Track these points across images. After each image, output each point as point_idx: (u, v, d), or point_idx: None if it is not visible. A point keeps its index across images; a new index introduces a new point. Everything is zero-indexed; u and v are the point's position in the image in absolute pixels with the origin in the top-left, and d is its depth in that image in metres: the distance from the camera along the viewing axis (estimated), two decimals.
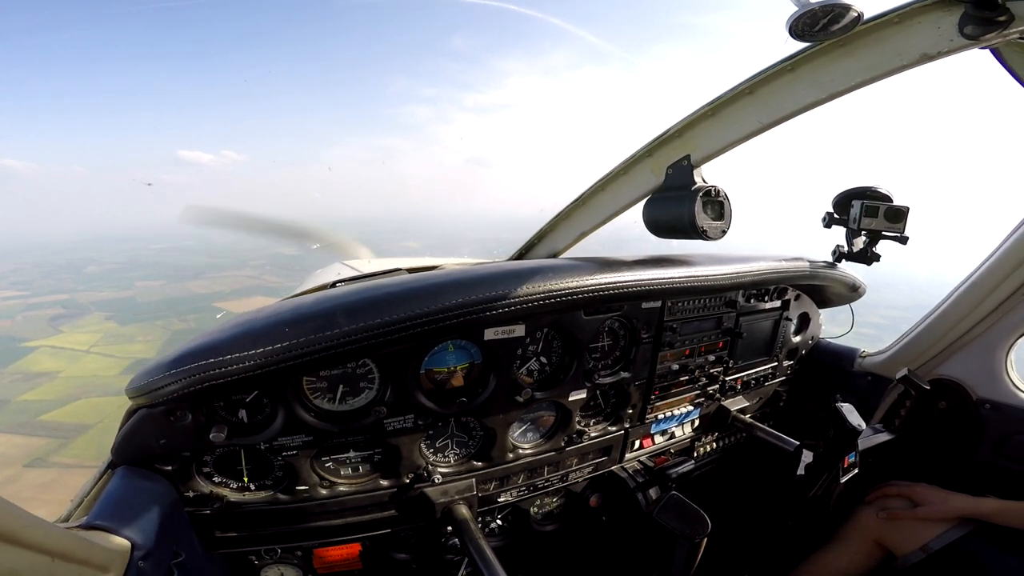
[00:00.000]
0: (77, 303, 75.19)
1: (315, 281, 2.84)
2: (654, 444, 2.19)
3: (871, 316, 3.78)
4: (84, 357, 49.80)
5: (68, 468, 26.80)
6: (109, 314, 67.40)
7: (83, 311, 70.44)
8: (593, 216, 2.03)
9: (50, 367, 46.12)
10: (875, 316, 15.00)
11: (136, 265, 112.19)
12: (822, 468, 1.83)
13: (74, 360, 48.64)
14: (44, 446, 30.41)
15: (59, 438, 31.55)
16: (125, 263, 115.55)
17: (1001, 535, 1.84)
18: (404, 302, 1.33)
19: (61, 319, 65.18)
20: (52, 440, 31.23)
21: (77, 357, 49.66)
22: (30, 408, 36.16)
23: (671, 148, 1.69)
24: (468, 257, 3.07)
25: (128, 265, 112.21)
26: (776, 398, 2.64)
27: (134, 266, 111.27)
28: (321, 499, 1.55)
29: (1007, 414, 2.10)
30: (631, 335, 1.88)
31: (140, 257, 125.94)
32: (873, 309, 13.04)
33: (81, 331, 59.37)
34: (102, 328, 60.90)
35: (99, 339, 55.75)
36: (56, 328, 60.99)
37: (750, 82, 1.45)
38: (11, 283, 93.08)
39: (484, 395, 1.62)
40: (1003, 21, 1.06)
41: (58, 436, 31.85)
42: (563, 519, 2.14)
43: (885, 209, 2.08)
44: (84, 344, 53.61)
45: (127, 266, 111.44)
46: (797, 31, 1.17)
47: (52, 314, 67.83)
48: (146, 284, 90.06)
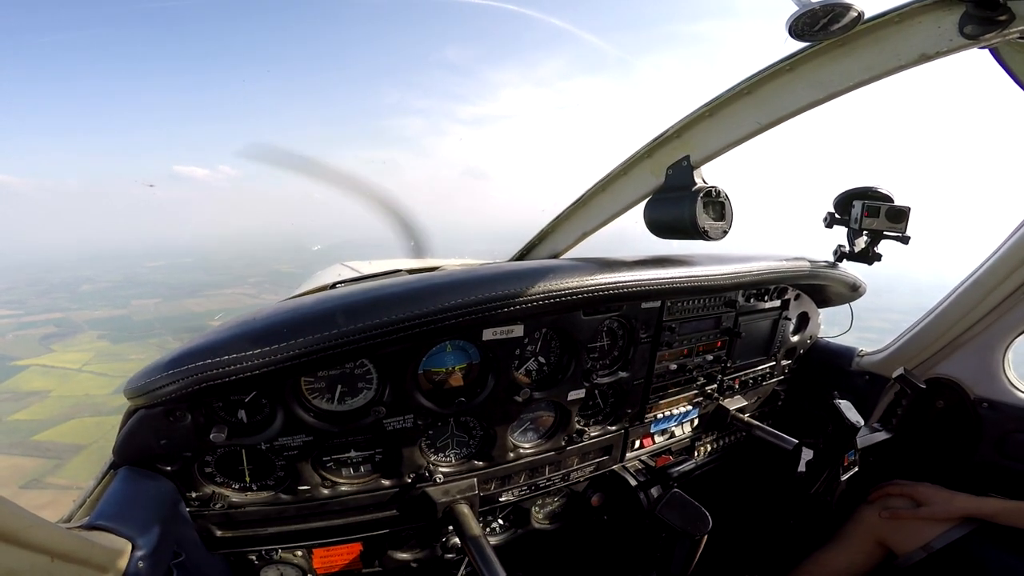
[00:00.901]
0: (70, 322, 74.42)
1: (315, 282, 2.83)
2: (654, 443, 2.19)
3: (873, 320, 3.77)
4: (76, 376, 48.99)
5: (65, 490, 26.27)
6: (102, 333, 66.68)
7: (76, 329, 69.67)
8: (594, 217, 2.03)
9: (41, 386, 45.27)
10: (878, 320, 15.06)
11: (132, 283, 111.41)
12: (822, 465, 1.84)
13: (66, 379, 47.86)
14: (39, 467, 29.87)
15: (54, 459, 30.91)
16: (121, 281, 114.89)
17: (1003, 535, 1.84)
18: (403, 303, 1.33)
19: (52, 338, 64.32)
20: (47, 461, 30.62)
21: (69, 376, 48.88)
22: (22, 428, 35.46)
23: (671, 149, 1.69)
24: (469, 258, 3.07)
25: (124, 283, 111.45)
26: (774, 397, 2.64)
27: (130, 284, 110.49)
28: (323, 499, 1.55)
29: (1005, 413, 2.11)
30: (630, 335, 1.88)
31: (136, 275, 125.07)
32: (876, 313, 13.02)
33: (73, 350, 58.54)
34: (94, 346, 60.10)
35: (91, 357, 55.00)
36: (47, 347, 60.09)
37: (749, 82, 1.45)
38: (4, 302, 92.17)
39: (483, 395, 1.63)
40: (1003, 21, 1.06)
41: (52, 457, 31.20)
42: (564, 518, 2.14)
43: (886, 209, 2.08)
44: (76, 363, 52.82)
45: (123, 284, 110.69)
46: (797, 31, 1.17)
47: (44, 333, 67.01)
48: (141, 303, 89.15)
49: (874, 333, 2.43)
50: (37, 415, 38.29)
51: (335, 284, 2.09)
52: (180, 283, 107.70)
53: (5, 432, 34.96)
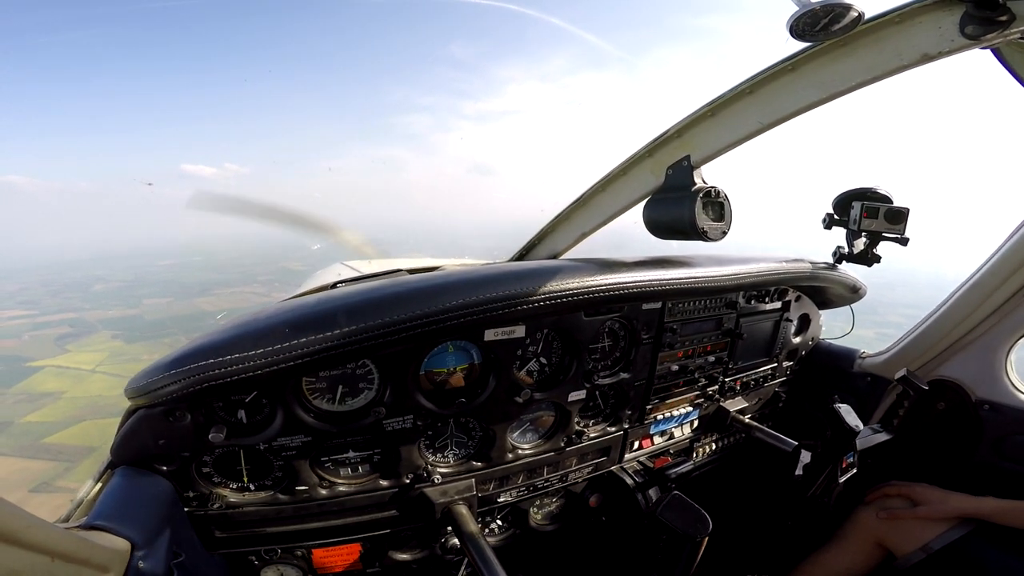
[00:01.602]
0: (84, 321, 74.34)
1: (316, 282, 2.84)
2: (653, 445, 2.19)
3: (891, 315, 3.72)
4: (89, 377, 48.88)
5: (74, 493, 26.07)
6: (116, 332, 66.62)
7: (90, 329, 69.58)
8: (593, 217, 2.03)
9: (54, 387, 45.25)
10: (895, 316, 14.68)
11: (143, 283, 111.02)
12: (820, 468, 1.83)
13: (79, 380, 47.79)
14: (49, 470, 29.86)
15: (64, 461, 30.74)
16: (133, 280, 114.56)
17: (1001, 535, 1.84)
18: (404, 303, 1.33)
19: (67, 338, 64.34)
20: (57, 464, 30.50)
21: (82, 377, 48.81)
22: (33, 430, 35.37)
23: (671, 148, 1.69)
24: (469, 258, 3.07)
25: (135, 283, 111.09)
26: (776, 399, 2.64)
27: (141, 284, 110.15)
28: (321, 499, 1.55)
29: (1006, 415, 2.10)
30: (631, 336, 1.87)
31: (148, 274, 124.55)
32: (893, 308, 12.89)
33: (87, 350, 58.48)
34: (108, 346, 60.16)
35: (105, 358, 54.97)
36: (62, 347, 60.11)
37: (750, 82, 1.45)
38: (18, 302, 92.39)
39: (483, 396, 1.62)
40: (1004, 21, 1.06)
41: (63, 460, 31.02)
42: (563, 519, 2.14)
43: (885, 210, 2.07)
44: (90, 363, 52.77)
45: (134, 284, 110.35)
46: (798, 31, 1.17)
47: (59, 333, 66.97)
48: (153, 302, 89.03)
49: (894, 329, 2.42)
50: (49, 417, 38.17)
51: (336, 284, 2.10)
52: (191, 282, 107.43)
53: (17, 435, 34.86)
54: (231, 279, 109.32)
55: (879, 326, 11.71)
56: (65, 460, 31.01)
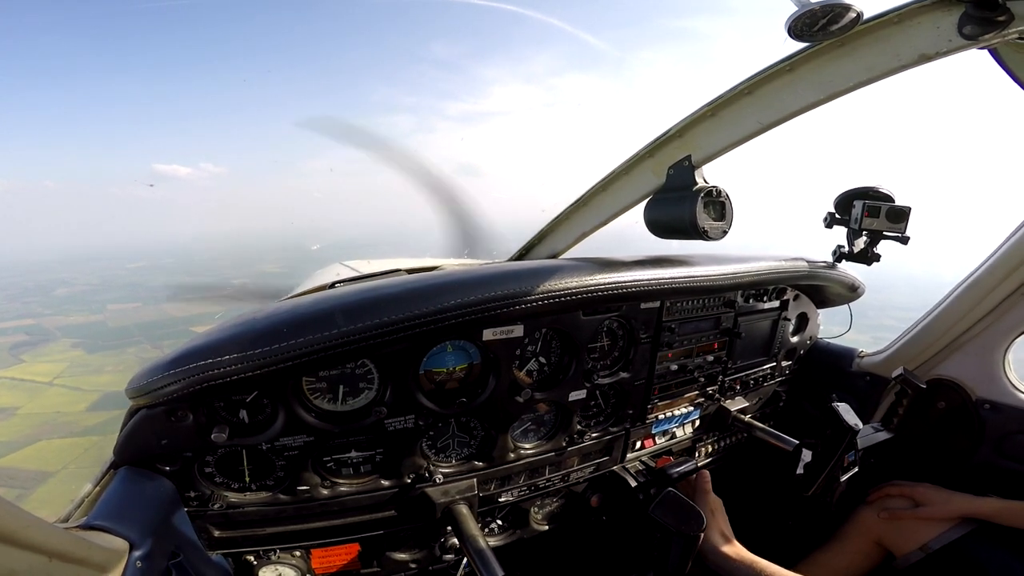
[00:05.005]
0: (43, 328, 70.01)
1: (314, 282, 2.83)
2: (655, 444, 2.19)
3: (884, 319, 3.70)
4: (47, 390, 45.24)
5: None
6: (76, 341, 62.78)
7: (48, 337, 65.41)
8: (594, 217, 2.03)
9: (8, 402, 41.58)
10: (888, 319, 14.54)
11: (110, 286, 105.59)
12: (820, 467, 1.83)
13: (35, 394, 44.17)
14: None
15: (17, 488, 27.77)
16: (99, 284, 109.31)
17: (1001, 535, 1.84)
18: (402, 303, 1.33)
19: (23, 347, 60.18)
20: (8, 491, 27.10)
21: (39, 390, 45.27)
22: None
23: (672, 148, 1.69)
24: (468, 258, 3.07)
25: (101, 286, 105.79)
26: (776, 398, 2.64)
27: (108, 287, 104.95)
28: (322, 499, 1.55)
29: (1006, 414, 2.10)
30: (629, 335, 1.88)
31: (115, 277, 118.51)
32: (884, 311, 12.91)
33: (44, 360, 54.78)
34: (68, 356, 56.52)
35: (64, 369, 51.48)
36: (17, 357, 56.26)
37: (750, 82, 1.45)
38: None
39: (484, 395, 1.62)
40: (1003, 21, 1.06)
41: (15, 486, 28.06)
42: (563, 519, 2.14)
43: (887, 209, 2.08)
44: (47, 375, 49.16)
45: (100, 287, 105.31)
46: (796, 31, 1.17)
47: (14, 341, 62.70)
48: (119, 307, 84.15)
49: (891, 333, 2.42)
50: (1, 436, 34.53)
51: (334, 284, 2.10)
52: (161, 285, 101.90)
53: None
54: (203, 283, 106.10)
55: (875, 329, 11.73)
56: (18, 487, 28.12)
